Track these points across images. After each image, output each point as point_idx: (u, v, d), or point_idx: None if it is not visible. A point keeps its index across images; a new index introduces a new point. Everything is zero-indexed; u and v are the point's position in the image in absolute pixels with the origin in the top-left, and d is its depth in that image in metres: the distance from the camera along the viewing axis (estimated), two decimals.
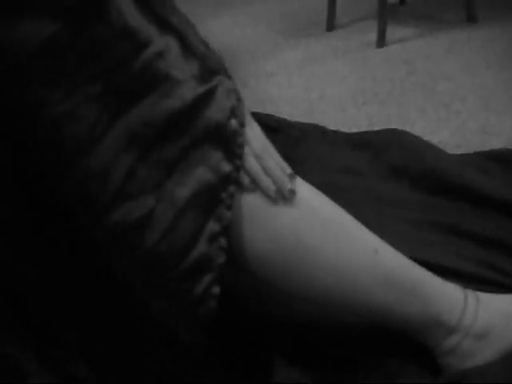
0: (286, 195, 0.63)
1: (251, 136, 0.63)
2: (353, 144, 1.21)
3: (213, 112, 0.59)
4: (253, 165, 0.63)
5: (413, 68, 1.73)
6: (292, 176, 0.65)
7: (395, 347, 0.72)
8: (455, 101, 1.48)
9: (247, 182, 0.62)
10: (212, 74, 0.61)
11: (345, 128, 1.40)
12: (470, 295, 0.70)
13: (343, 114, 1.51)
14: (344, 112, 1.53)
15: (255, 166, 0.63)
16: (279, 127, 1.37)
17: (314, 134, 1.29)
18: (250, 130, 0.63)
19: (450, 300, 0.68)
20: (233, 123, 0.60)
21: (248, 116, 0.63)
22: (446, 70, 1.68)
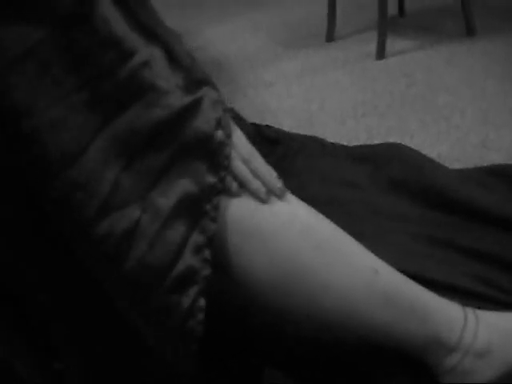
0: (277, 193, 0.63)
1: (237, 141, 0.63)
2: (352, 157, 1.21)
3: (199, 123, 0.59)
4: (241, 169, 0.62)
5: (412, 80, 1.74)
6: (279, 177, 0.65)
7: (393, 365, 0.71)
8: (455, 114, 1.48)
9: (235, 188, 0.62)
10: (198, 85, 0.60)
11: (344, 140, 1.39)
12: (470, 313, 0.69)
13: (343, 126, 1.51)
14: (343, 124, 1.53)
15: (244, 170, 0.62)
16: (279, 139, 1.36)
17: (313, 147, 1.29)
18: (235, 135, 0.63)
19: (450, 319, 0.68)
20: (219, 134, 0.60)
21: (231, 123, 0.63)
22: (446, 83, 1.69)
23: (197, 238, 0.59)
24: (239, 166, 0.62)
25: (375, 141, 1.39)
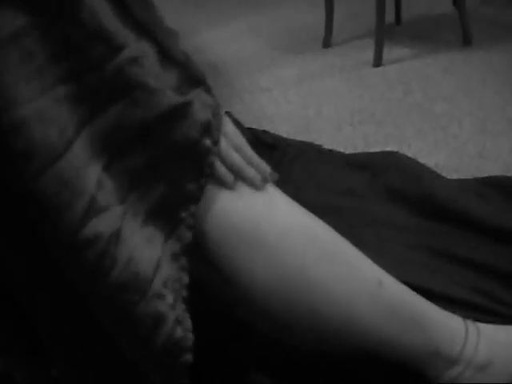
0: (270, 180, 0.63)
1: (229, 130, 0.62)
2: (350, 165, 1.20)
3: (186, 127, 0.57)
4: (236, 158, 0.61)
5: (409, 88, 1.73)
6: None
7: (393, 377, 0.71)
8: (452, 123, 1.48)
9: (231, 179, 0.61)
10: (191, 86, 0.58)
11: (341, 147, 1.39)
12: (471, 326, 0.69)
13: (340, 133, 1.51)
14: (340, 131, 1.52)
15: (238, 159, 0.61)
16: (275, 144, 1.36)
17: (311, 153, 1.29)
18: (227, 125, 0.61)
19: (452, 331, 0.67)
20: (206, 142, 0.58)
21: (221, 122, 0.61)
22: (443, 92, 1.69)
23: (172, 246, 0.58)
24: (234, 155, 0.61)
25: (372, 148, 1.38)
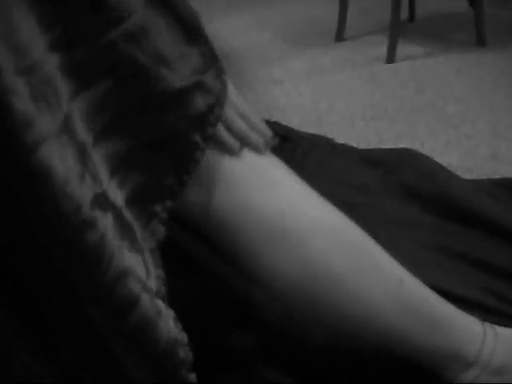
0: (270, 143, 0.62)
1: (234, 98, 0.60)
2: (364, 160, 1.19)
3: (176, 117, 0.54)
4: (240, 125, 0.60)
5: (422, 86, 1.72)
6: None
7: (408, 377, 0.70)
8: (465, 124, 1.47)
9: (237, 146, 0.59)
10: (210, 62, 0.56)
11: (353, 142, 1.38)
12: (488, 329, 0.68)
13: (352, 128, 1.50)
14: (353, 126, 1.51)
15: (243, 125, 0.60)
16: (287, 136, 1.34)
17: (324, 147, 1.27)
18: (231, 93, 0.59)
19: (470, 333, 0.66)
20: (195, 136, 0.55)
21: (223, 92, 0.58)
22: (455, 92, 1.68)
23: (147, 242, 0.55)
24: (238, 123, 0.60)
25: (385, 145, 1.37)
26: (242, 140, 0.60)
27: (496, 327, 0.69)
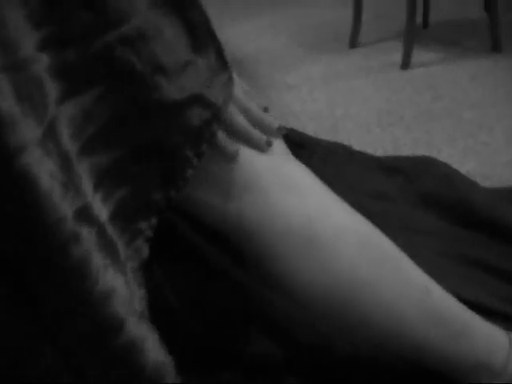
0: (274, 135, 0.59)
1: (236, 93, 0.56)
2: (382, 168, 1.19)
3: (170, 131, 0.50)
4: (240, 122, 0.57)
5: (438, 93, 1.72)
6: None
7: None
8: (482, 130, 1.47)
9: (232, 150, 0.56)
10: (220, 69, 0.53)
11: (370, 149, 1.37)
12: None
13: (369, 135, 1.49)
14: (369, 133, 1.51)
15: (244, 123, 0.57)
16: (304, 143, 1.34)
17: (341, 154, 1.27)
18: (235, 87, 0.56)
19: (496, 344, 0.66)
20: (187, 152, 0.51)
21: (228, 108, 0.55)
22: (471, 98, 1.67)
23: (131, 260, 0.51)
24: (239, 120, 0.57)
25: (401, 152, 1.37)
26: (242, 139, 0.57)
27: None
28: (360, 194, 1.14)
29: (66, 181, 0.45)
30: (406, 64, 1.91)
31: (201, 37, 0.53)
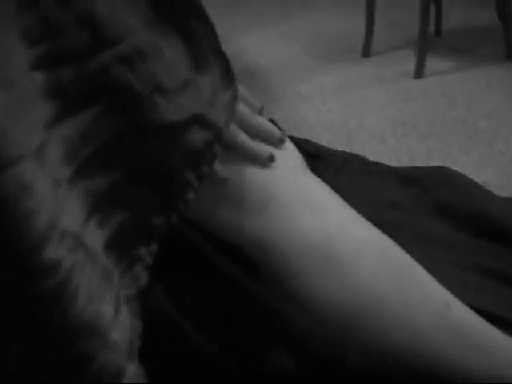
0: (277, 145, 0.57)
1: (239, 107, 0.55)
2: (397, 178, 1.18)
3: (170, 153, 0.48)
4: (245, 141, 0.55)
5: (452, 102, 1.71)
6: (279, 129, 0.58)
7: None
8: (498, 139, 1.46)
9: (223, 176, 0.55)
10: (203, 101, 0.50)
11: (385, 160, 1.37)
12: None
13: (383, 146, 1.49)
14: (384, 143, 1.50)
15: (247, 141, 0.55)
16: (318, 154, 1.34)
17: (356, 165, 1.27)
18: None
19: None
20: (188, 174, 0.49)
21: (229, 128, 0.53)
22: (486, 107, 1.66)
23: (126, 289, 0.49)
24: (243, 139, 0.55)
25: (417, 162, 1.36)
26: (246, 156, 0.55)
27: None
28: (375, 205, 1.13)
29: (55, 205, 0.42)
30: (420, 73, 1.90)
31: (203, 55, 0.51)
